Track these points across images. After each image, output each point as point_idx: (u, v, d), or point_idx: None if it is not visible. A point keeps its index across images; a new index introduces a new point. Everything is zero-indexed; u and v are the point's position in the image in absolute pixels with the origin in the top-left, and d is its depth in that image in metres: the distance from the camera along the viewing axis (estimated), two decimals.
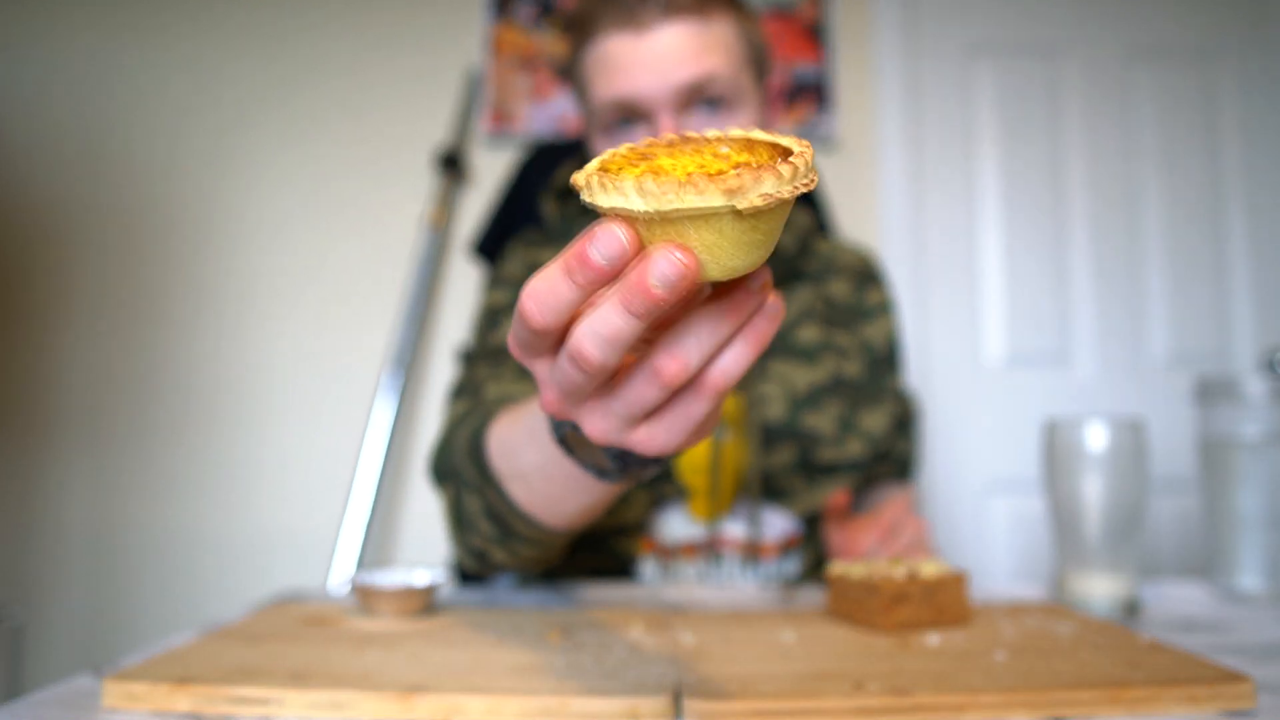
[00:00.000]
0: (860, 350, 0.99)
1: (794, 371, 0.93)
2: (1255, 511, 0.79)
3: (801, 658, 0.54)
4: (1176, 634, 0.65)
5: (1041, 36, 2.00)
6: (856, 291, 1.02)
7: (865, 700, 0.46)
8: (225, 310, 1.87)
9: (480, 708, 0.46)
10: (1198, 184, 1.98)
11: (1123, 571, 0.73)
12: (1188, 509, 1.89)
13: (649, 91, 0.81)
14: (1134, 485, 0.74)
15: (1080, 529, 0.74)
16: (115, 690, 0.48)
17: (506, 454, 0.61)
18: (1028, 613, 0.66)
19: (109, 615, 1.79)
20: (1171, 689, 0.47)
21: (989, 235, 1.97)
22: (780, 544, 0.91)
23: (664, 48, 0.81)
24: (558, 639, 0.59)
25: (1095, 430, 0.74)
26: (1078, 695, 0.47)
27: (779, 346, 0.95)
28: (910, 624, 0.61)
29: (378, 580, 0.68)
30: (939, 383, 1.92)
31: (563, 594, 0.82)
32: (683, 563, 0.90)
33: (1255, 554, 0.78)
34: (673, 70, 0.81)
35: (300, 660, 0.53)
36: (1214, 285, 1.96)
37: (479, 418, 0.69)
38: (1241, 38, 2.01)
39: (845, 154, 1.95)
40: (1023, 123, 1.98)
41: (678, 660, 0.53)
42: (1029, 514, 1.88)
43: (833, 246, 1.07)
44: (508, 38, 1.91)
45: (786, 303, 0.97)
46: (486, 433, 0.65)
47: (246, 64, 1.92)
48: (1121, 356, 1.94)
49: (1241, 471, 0.79)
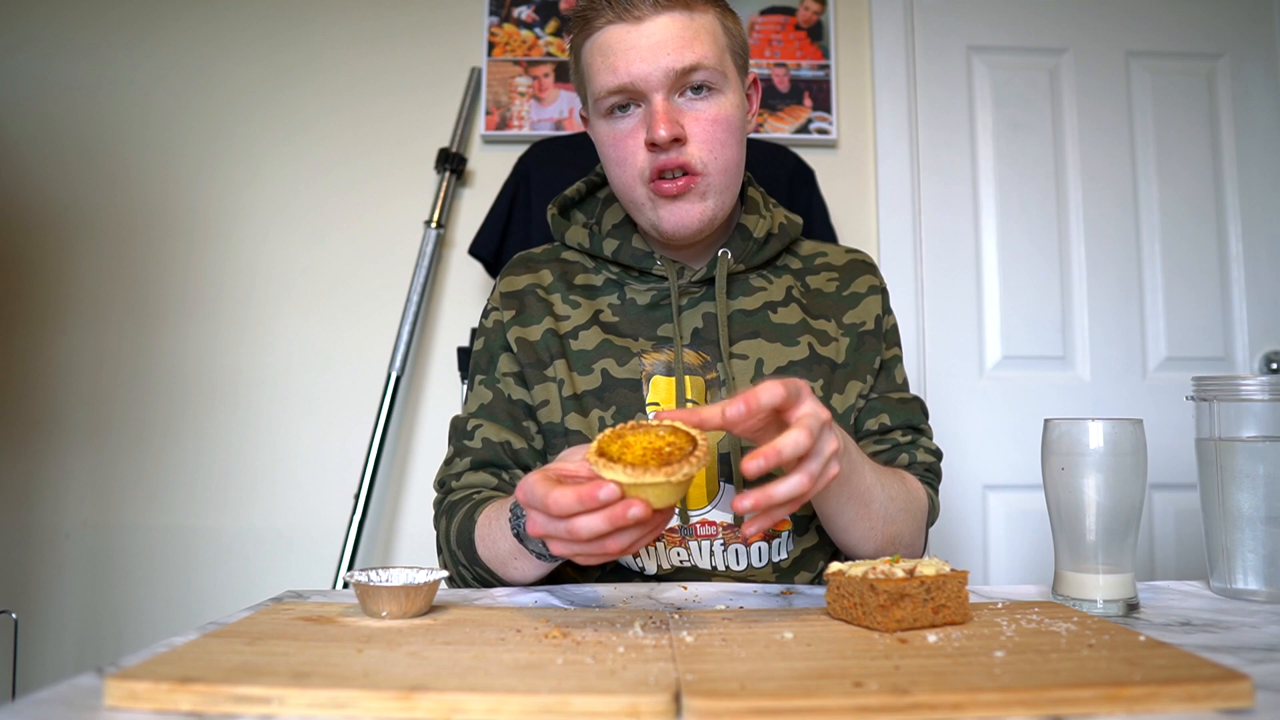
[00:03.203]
0: (845, 334, 1.01)
1: (768, 350, 0.97)
2: (1254, 511, 0.79)
3: (801, 656, 0.54)
4: (1175, 633, 0.65)
5: (1041, 37, 2.00)
6: (844, 284, 1.05)
7: (865, 699, 0.46)
8: (225, 310, 1.87)
9: (480, 707, 0.46)
10: (1197, 184, 1.98)
11: (1121, 571, 0.74)
12: (1187, 509, 1.89)
13: (644, 75, 0.90)
14: (1133, 485, 0.74)
15: (1079, 528, 0.74)
16: (117, 689, 0.48)
17: (486, 542, 0.87)
18: (1027, 612, 0.66)
19: (109, 615, 1.79)
20: (1170, 688, 0.47)
21: (988, 235, 1.97)
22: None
23: (657, 36, 0.90)
24: (558, 639, 0.59)
25: (1094, 430, 0.74)
26: (1076, 694, 0.47)
27: (756, 328, 0.98)
28: (909, 623, 0.61)
29: (378, 580, 0.68)
30: (939, 383, 1.92)
31: (563, 594, 0.82)
32: (666, 547, 0.92)
33: (1253, 554, 0.78)
34: (664, 57, 0.89)
35: (301, 659, 0.53)
36: (1213, 285, 1.97)
37: (468, 513, 0.91)
38: (1241, 38, 2.01)
39: (845, 154, 1.95)
40: (1022, 123, 1.98)
41: (678, 659, 0.53)
42: (1028, 513, 1.88)
43: (823, 248, 1.09)
44: (507, 38, 1.91)
45: (768, 286, 1.02)
46: (475, 530, 0.88)
47: (245, 63, 1.92)
48: (1121, 356, 1.94)
49: (1240, 471, 0.79)
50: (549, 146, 1.58)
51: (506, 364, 1.00)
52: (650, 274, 1.00)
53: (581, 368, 0.96)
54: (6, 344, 1.84)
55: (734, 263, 1.00)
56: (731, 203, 0.98)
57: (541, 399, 0.97)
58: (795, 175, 1.55)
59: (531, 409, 0.98)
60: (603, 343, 0.97)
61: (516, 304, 1.02)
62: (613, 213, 1.04)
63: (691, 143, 0.91)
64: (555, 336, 0.98)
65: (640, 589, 0.84)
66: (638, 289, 1.01)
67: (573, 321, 0.99)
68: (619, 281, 1.02)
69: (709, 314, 0.98)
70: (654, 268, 0.99)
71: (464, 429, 1.00)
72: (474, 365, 1.04)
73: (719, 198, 0.95)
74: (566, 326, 0.99)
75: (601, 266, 1.03)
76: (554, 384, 0.96)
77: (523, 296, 1.02)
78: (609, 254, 1.01)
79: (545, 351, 0.98)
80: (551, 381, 0.97)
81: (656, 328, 0.98)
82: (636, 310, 1.00)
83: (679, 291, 0.99)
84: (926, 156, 1.97)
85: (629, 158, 0.93)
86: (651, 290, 1.00)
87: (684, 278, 0.99)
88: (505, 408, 0.99)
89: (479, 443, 0.98)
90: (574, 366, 0.97)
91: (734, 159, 0.95)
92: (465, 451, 0.99)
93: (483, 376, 1.02)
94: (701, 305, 0.99)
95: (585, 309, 1.00)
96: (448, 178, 1.84)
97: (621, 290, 1.01)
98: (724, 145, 0.93)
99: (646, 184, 0.93)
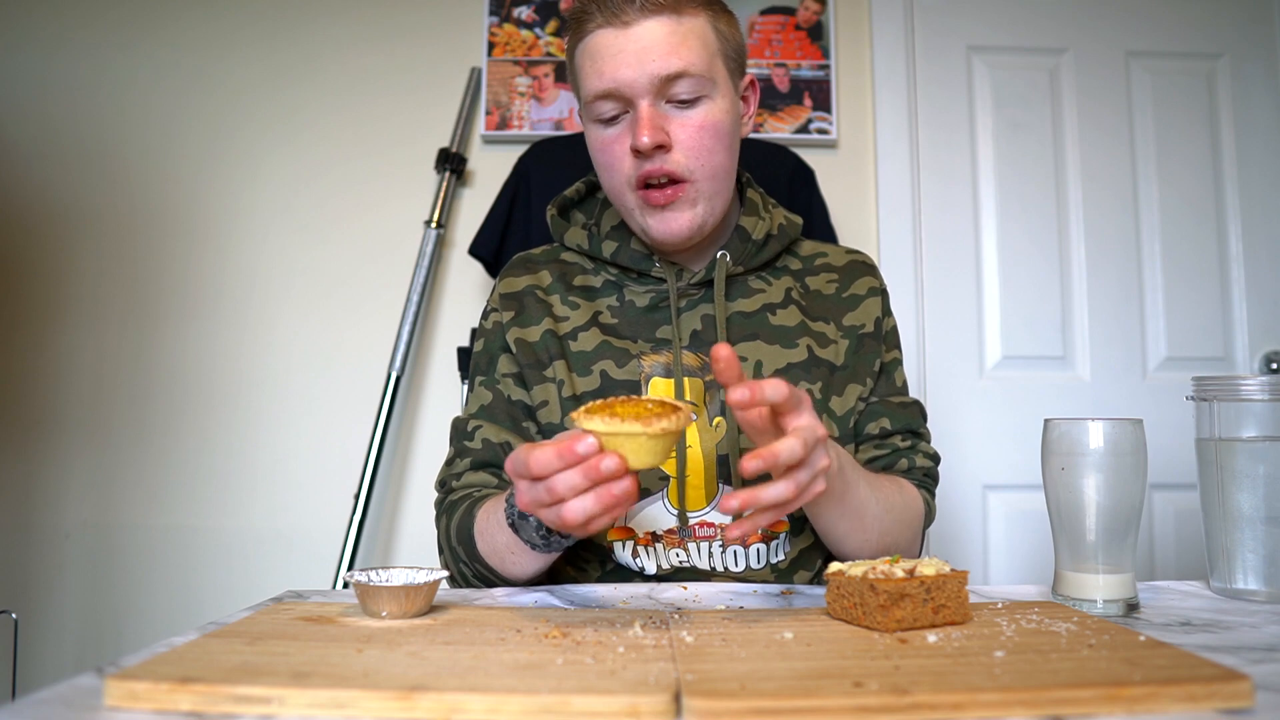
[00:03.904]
0: (845, 336, 1.01)
1: (767, 352, 0.97)
2: (1254, 511, 0.79)
3: (801, 656, 0.54)
4: (1175, 633, 0.65)
5: (1041, 37, 2.00)
6: (843, 285, 1.05)
7: (864, 699, 0.46)
8: (225, 310, 1.87)
9: (480, 707, 0.46)
10: (1197, 184, 1.98)
11: (1121, 571, 0.74)
12: (1187, 509, 1.89)
13: (629, 81, 0.90)
14: (1133, 485, 0.74)
15: (1079, 528, 0.74)
16: (117, 689, 0.48)
17: (484, 536, 0.87)
18: (1027, 612, 0.66)
19: (109, 615, 1.79)
20: (1170, 688, 0.47)
21: (988, 235, 1.97)
22: (763, 529, 0.91)
23: (644, 41, 0.89)
24: (558, 639, 0.59)
25: (1094, 430, 0.74)
26: (1076, 694, 0.47)
27: (755, 330, 0.98)
28: (909, 623, 0.61)
29: (378, 580, 0.68)
30: (939, 383, 1.92)
31: (563, 594, 0.82)
32: (665, 549, 0.92)
33: (1253, 554, 0.78)
34: (650, 63, 0.89)
35: (301, 659, 0.53)
36: (1213, 285, 1.97)
37: (467, 510, 0.91)
38: (1241, 38, 2.01)
39: (845, 154, 1.95)
40: (1022, 123, 1.98)
41: (678, 659, 0.53)
42: (1028, 513, 1.88)
43: (823, 248, 1.09)
44: (507, 38, 1.91)
45: (767, 289, 1.01)
46: (474, 525, 0.89)
47: (245, 63, 1.92)
48: (1121, 356, 1.94)
49: (1240, 471, 0.79)
50: (549, 146, 1.58)
51: (506, 365, 1.01)
52: (649, 276, 1.00)
53: (580, 369, 0.96)
54: (6, 344, 1.84)
55: (732, 265, 1.00)
56: (723, 208, 0.97)
57: (541, 400, 0.97)
58: (795, 175, 1.55)
59: (531, 410, 0.99)
60: (602, 344, 0.97)
61: (516, 305, 1.02)
62: (611, 214, 1.04)
63: (677, 149, 0.91)
64: (554, 337, 0.98)
65: (640, 589, 0.84)
66: (636, 290, 1.01)
67: (572, 323, 0.99)
68: (618, 283, 1.02)
69: (708, 316, 0.98)
70: (653, 270, 0.99)
71: (465, 430, 1.00)
72: (474, 366, 1.04)
73: (708, 204, 0.94)
74: (566, 328, 0.99)
75: (601, 268, 1.03)
76: (553, 385, 0.97)
77: (522, 298, 1.02)
78: (608, 256, 1.01)
79: (544, 352, 0.98)
80: (551, 382, 0.97)
81: (655, 329, 0.98)
82: (635, 312, 1.00)
83: (678, 293, 0.99)
84: (926, 156, 1.97)
85: (616, 164, 0.94)
86: (650, 292, 1.00)
87: (683, 280, 0.99)
88: (505, 409, 0.99)
89: (479, 443, 0.98)
90: (573, 367, 0.97)
91: (722, 165, 0.94)
92: (466, 452, 0.99)
93: (483, 378, 1.02)
94: (700, 307, 0.99)
95: (584, 310, 1.00)
96: (448, 178, 1.84)
97: (620, 292, 1.01)
98: (711, 152, 0.92)
99: (634, 191, 0.93)
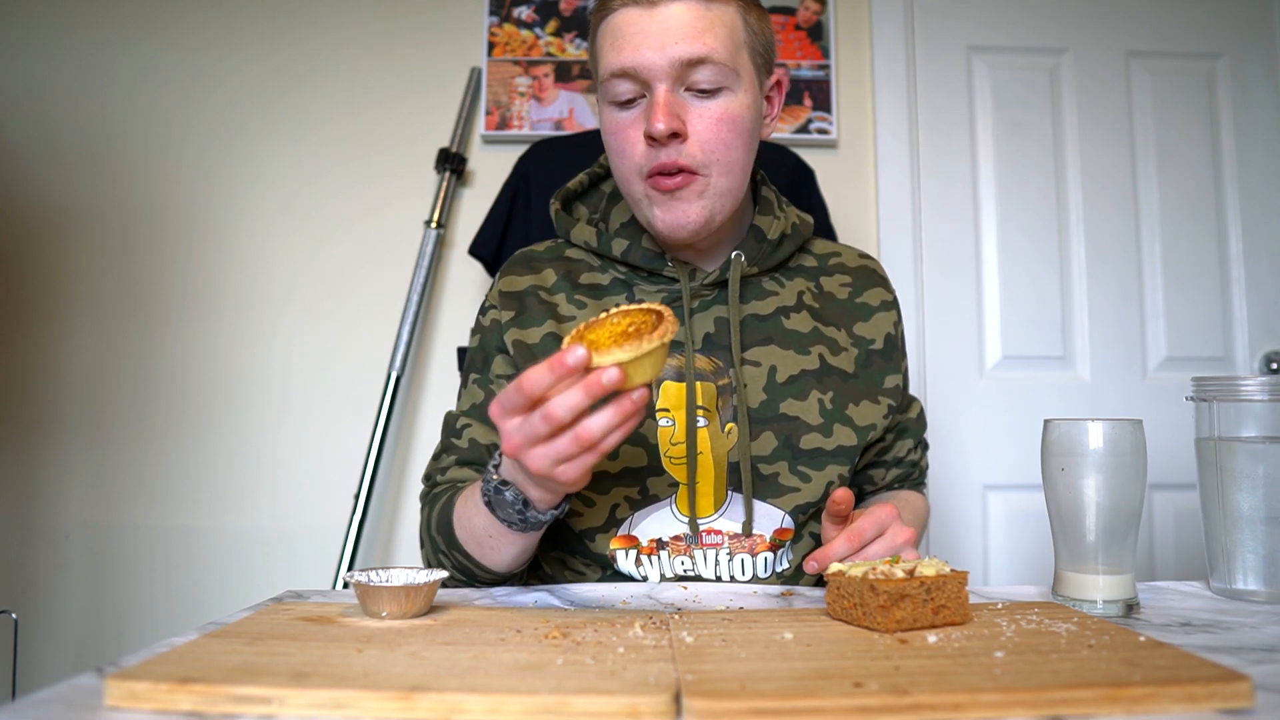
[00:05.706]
0: (854, 345, 0.99)
1: (780, 358, 0.95)
2: (1254, 512, 0.79)
3: (801, 657, 0.54)
4: (1175, 633, 0.65)
5: (1041, 37, 2.00)
6: (856, 291, 1.03)
7: (864, 699, 0.46)
8: (225, 309, 1.87)
9: (480, 707, 0.46)
10: (1197, 184, 1.98)
11: (1121, 571, 0.74)
12: (1187, 509, 1.89)
13: (649, 62, 0.86)
14: (1133, 485, 0.74)
15: (1079, 529, 0.74)
16: (117, 689, 0.48)
17: (462, 520, 0.87)
18: (1026, 612, 0.66)
19: (109, 615, 1.79)
20: (1170, 688, 0.47)
21: (988, 235, 1.97)
22: (771, 537, 0.91)
23: (669, 23, 0.86)
24: (558, 639, 0.59)
25: (1094, 430, 0.74)
26: (1076, 694, 0.47)
27: (769, 334, 0.96)
28: (909, 623, 0.61)
29: (378, 580, 0.68)
30: (939, 383, 1.92)
31: (563, 594, 0.82)
32: (670, 556, 0.91)
33: (1253, 554, 0.78)
34: (672, 45, 0.86)
35: (301, 660, 0.53)
36: (1213, 285, 1.97)
37: (448, 500, 0.91)
38: (1240, 39, 2.01)
39: (845, 154, 1.95)
40: (1022, 123, 1.98)
41: (678, 660, 0.53)
42: (1028, 514, 1.88)
43: (836, 248, 1.07)
44: (508, 38, 1.91)
45: (780, 290, 1.00)
46: (452, 511, 0.89)
47: (245, 64, 1.92)
48: (1121, 356, 1.94)
49: (1240, 472, 0.79)
50: (549, 146, 1.58)
51: (501, 366, 0.99)
52: (660, 275, 0.97)
53: None
54: (6, 344, 1.84)
55: (747, 265, 0.97)
56: (733, 206, 0.93)
57: None
58: (795, 175, 1.55)
59: None
60: None
61: (516, 305, 0.99)
62: (620, 210, 1.01)
63: (692, 140, 0.87)
64: (556, 340, 0.95)
65: (640, 589, 0.84)
66: (647, 290, 0.97)
67: (578, 322, 0.97)
68: (627, 282, 0.98)
69: (721, 318, 0.95)
70: (665, 269, 0.96)
71: (454, 427, 0.99)
72: (469, 362, 1.02)
73: (719, 200, 0.91)
74: (571, 327, 0.96)
75: (609, 266, 1.00)
76: None
77: (523, 298, 0.99)
78: (618, 254, 0.97)
79: (543, 355, 0.95)
80: None
81: None
82: None
83: (690, 294, 0.95)
84: (926, 157, 1.97)
85: (628, 149, 0.90)
86: (661, 292, 0.97)
87: (695, 280, 0.96)
88: None
89: (466, 443, 0.97)
90: None
91: (738, 161, 0.90)
92: (453, 449, 0.98)
93: (476, 376, 1.00)
94: (713, 309, 0.96)
95: (591, 309, 0.97)
96: (448, 178, 1.84)
97: (630, 291, 0.98)
98: (727, 146, 0.88)
99: (644, 179, 0.90)
